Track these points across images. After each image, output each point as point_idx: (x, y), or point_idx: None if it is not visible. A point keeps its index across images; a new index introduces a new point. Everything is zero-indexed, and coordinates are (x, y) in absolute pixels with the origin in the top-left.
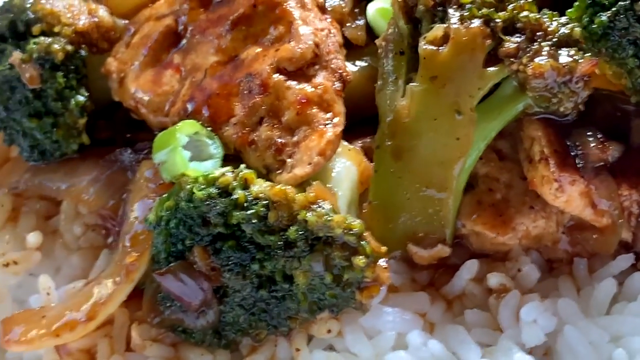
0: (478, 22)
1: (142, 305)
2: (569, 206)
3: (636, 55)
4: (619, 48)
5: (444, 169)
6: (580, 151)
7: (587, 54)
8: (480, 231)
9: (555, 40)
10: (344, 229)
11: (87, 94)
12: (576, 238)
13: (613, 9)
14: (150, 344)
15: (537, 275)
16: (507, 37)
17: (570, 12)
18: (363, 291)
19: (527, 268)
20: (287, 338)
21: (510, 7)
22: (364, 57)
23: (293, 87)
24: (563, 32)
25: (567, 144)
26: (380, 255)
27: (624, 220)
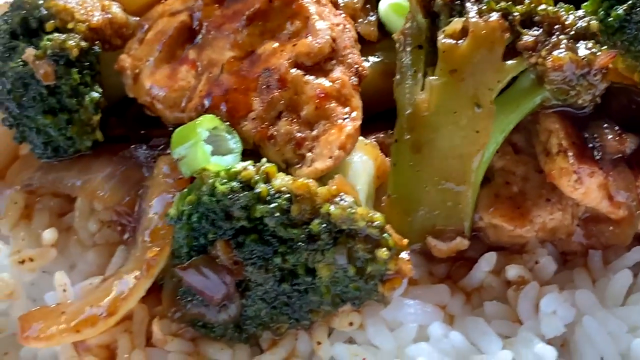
0: (496, 15)
1: (162, 301)
2: (587, 198)
3: None
4: (635, 41)
5: (462, 162)
6: (597, 143)
7: (604, 47)
8: (498, 224)
9: (572, 33)
10: (367, 221)
11: (101, 91)
12: (591, 230)
13: (629, 2)
14: (172, 338)
15: (554, 267)
16: (525, 31)
17: (586, 5)
18: (385, 283)
19: (544, 260)
20: (308, 332)
21: (527, 1)
22: (376, 53)
23: (311, 82)
24: (580, 25)
25: (584, 136)
26: (402, 248)
27: None
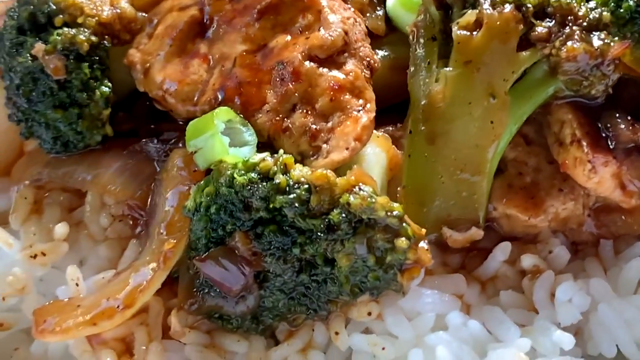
0: (510, 7)
1: (177, 293)
2: (601, 187)
3: None
4: None
5: (478, 153)
6: (610, 133)
7: (616, 38)
8: (512, 214)
9: (585, 24)
10: (387, 211)
11: (110, 85)
12: (602, 220)
13: None
14: (189, 330)
15: (568, 256)
16: (538, 22)
17: None
18: (404, 273)
19: (557, 249)
20: (325, 322)
21: None
22: (383, 47)
23: (325, 74)
24: (593, 16)
25: (597, 126)
26: (420, 237)
27: None
